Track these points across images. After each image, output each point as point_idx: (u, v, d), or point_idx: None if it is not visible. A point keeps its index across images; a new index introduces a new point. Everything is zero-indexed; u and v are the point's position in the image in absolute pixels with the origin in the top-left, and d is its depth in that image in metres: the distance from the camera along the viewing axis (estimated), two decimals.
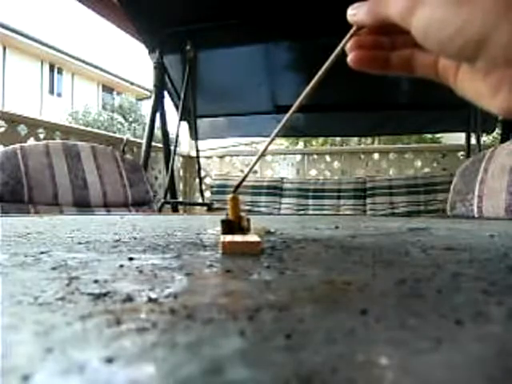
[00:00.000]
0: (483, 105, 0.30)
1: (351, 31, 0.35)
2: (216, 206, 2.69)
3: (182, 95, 2.50)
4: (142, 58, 3.42)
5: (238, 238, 0.37)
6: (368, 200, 2.97)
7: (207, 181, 3.62)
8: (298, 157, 3.80)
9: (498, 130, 3.24)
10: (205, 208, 2.75)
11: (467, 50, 0.27)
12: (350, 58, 0.35)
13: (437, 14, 0.28)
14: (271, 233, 0.53)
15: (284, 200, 3.09)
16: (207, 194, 3.32)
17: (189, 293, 0.22)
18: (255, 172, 3.56)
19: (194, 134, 2.79)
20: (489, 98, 0.29)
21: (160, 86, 2.55)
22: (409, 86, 2.76)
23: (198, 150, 2.85)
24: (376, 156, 3.58)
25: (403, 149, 3.70)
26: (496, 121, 3.02)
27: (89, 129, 3.23)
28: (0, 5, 10.17)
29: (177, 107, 2.76)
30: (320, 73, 0.36)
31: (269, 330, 0.16)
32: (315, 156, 3.75)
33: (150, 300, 0.19)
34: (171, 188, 2.71)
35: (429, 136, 7.42)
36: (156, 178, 3.15)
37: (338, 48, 0.35)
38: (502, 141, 2.71)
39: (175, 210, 2.69)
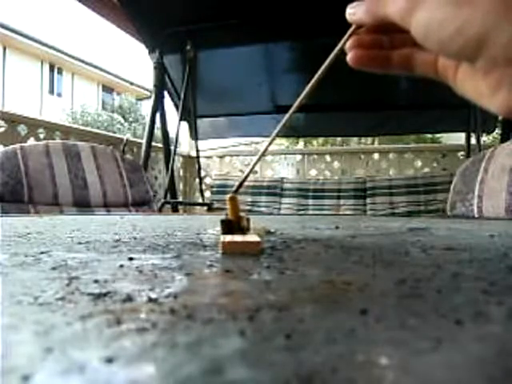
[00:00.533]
0: (483, 104, 0.30)
1: (350, 30, 0.35)
2: (216, 205, 2.70)
3: (182, 95, 2.50)
4: (142, 58, 3.42)
5: (237, 238, 0.37)
6: (368, 200, 2.97)
7: (207, 181, 3.62)
8: (298, 157, 3.80)
9: (498, 130, 3.24)
10: (205, 208, 2.75)
11: (467, 50, 0.27)
12: (349, 57, 0.35)
13: (436, 14, 0.28)
14: (271, 233, 0.53)
15: (284, 200, 3.10)
16: (207, 194, 3.33)
17: (189, 293, 0.22)
18: (255, 172, 3.56)
19: (194, 134, 2.79)
20: (488, 98, 0.29)
21: (160, 86, 2.56)
22: (409, 86, 2.76)
23: (198, 150, 2.85)
24: (376, 156, 3.59)
25: (403, 149, 3.70)
26: (496, 121, 3.02)
27: (89, 129, 3.23)
28: (0, 5, 10.17)
29: (177, 107, 2.76)
30: (319, 72, 0.36)
31: (269, 330, 0.16)
32: (315, 156, 3.75)
33: (150, 300, 0.19)
34: (171, 188, 2.71)
35: (429, 136, 7.42)
36: (156, 177, 3.15)
37: (338, 47, 0.35)
38: (502, 141, 2.71)
39: (175, 210, 2.69)
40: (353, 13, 0.34)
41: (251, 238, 0.37)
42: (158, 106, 2.59)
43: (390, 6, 0.31)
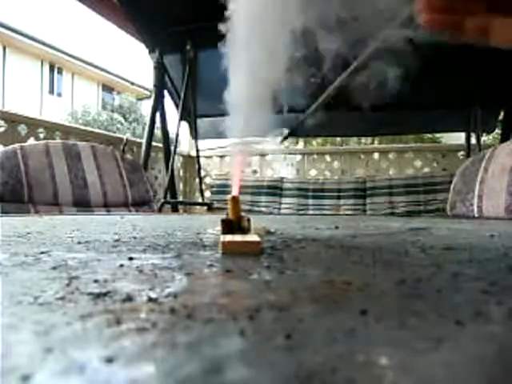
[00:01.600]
0: None
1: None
2: (216, 205, 2.69)
3: (182, 95, 2.50)
4: (142, 58, 3.42)
5: (238, 237, 0.37)
6: (368, 200, 2.96)
7: (207, 181, 3.62)
8: (298, 157, 3.80)
9: (497, 130, 3.24)
10: (205, 208, 2.75)
11: None
12: (421, 19, 0.33)
13: None
14: (271, 233, 0.53)
15: (284, 200, 3.09)
16: (207, 193, 3.33)
17: (189, 293, 0.22)
18: (255, 172, 3.56)
19: (194, 134, 2.79)
20: None
21: (160, 86, 2.55)
22: (409, 86, 2.75)
23: (198, 150, 2.84)
24: (376, 156, 3.58)
25: (403, 149, 3.70)
26: (496, 121, 3.02)
27: (89, 129, 3.23)
28: (0, 5, 10.17)
29: (177, 107, 2.76)
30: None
31: (269, 330, 0.16)
32: (315, 156, 3.75)
33: (150, 300, 0.19)
34: (171, 188, 2.70)
35: (429, 136, 7.42)
36: (156, 177, 3.15)
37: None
38: (502, 141, 2.71)
39: (175, 209, 2.69)
40: None
41: (251, 237, 0.37)
42: (158, 106, 2.59)
43: None
